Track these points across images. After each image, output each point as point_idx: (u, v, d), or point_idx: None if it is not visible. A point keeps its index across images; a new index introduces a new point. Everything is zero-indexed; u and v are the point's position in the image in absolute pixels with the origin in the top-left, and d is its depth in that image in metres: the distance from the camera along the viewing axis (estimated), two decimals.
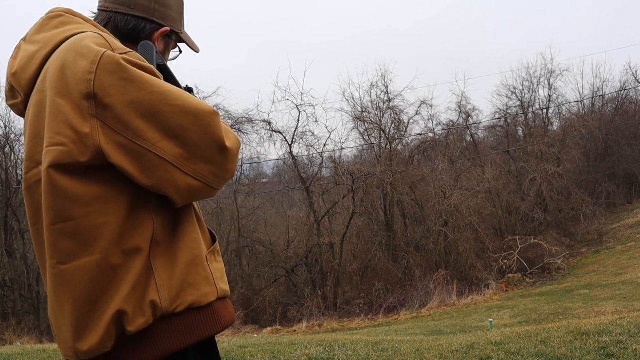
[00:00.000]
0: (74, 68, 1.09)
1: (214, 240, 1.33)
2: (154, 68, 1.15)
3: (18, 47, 1.28)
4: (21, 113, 1.28)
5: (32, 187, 1.16)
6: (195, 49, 1.52)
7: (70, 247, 1.09)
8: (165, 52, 1.42)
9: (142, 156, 1.08)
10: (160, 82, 1.11)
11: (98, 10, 1.36)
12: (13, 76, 1.24)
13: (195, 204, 1.30)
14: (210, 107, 1.13)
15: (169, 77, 1.35)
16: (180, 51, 1.50)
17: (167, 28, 1.38)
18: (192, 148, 1.09)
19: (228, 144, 1.12)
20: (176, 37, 1.44)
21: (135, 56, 1.14)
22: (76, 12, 1.29)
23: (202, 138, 1.09)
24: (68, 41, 1.17)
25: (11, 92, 1.27)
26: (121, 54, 1.12)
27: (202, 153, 1.10)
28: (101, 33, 1.19)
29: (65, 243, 1.09)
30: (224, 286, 1.27)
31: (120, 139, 1.07)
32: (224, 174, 1.15)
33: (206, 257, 1.23)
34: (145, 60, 1.15)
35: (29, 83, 1.21)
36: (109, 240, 1.09)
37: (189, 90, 1.44)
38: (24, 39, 1.28)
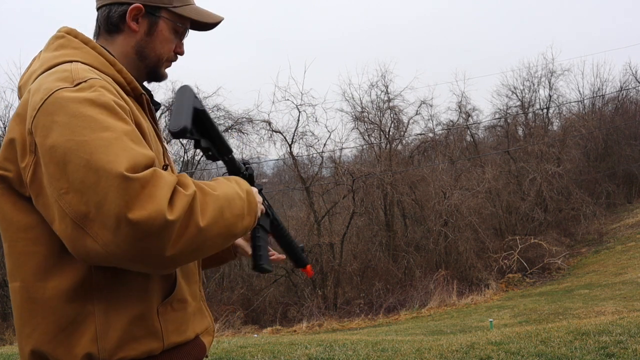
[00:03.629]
0: (32, 100, 1.06)
1: (182, 285, 1.19)
2: (113, 105, 1.03)
3: (36, 58, 1.24)
4: None
5: None
6: (204, 21, 1.31)
7: (10, 267, 1.09)
8: (152, 33, 1.24)
9: (49, 205, 1.00)
10: (87, 129, 0.97)
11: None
12: (19, 90, 1.21)
13: None
14: (122, 168, 0.94)
15: (208, 125, 1.17)
16: (186, 29, 1.31)
17: (137, 5, 1.20)
18: (95, 209, 0.93)
19: (133, 215, 0.92)
20: (167, 12, 1.25)
21: (91, 86, 1.04)
22: (78, 33, 1.21)
23: (101, 202, 0.93)
24: (51, 70, 1.13)
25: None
26: (77, 84, 1.04)
27: (103, 218, 0.93)
28: (76, 64, 1.11)
29: (8, 263, 1.10)
30: (177, 338, 1.15)
31: (44, 179, 1.00)
32: (130, 249, 0.94)
33: (158, 309, 1.11)
34: (104, 95, 1.04)
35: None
36: (31, 271, 1.05)
37: (246, 165, 1.28)
38: (42, 51, 1.24)
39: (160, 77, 1.33)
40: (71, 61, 1.13)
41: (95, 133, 0.97)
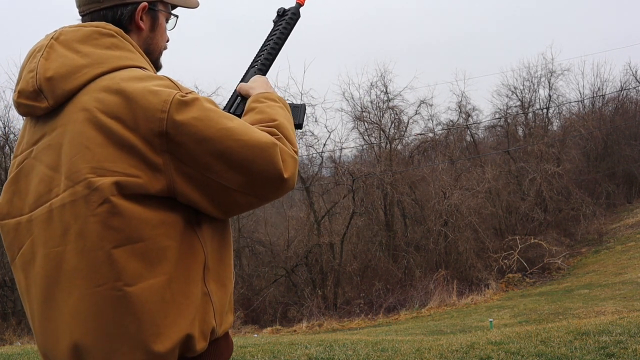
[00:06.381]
0: (144, 103, 1.08)
1: None
2: (213, 100, 1.19)
3: (49, 47, 1.16)
4: (31, 114, 1.20)
5: (65, 206, 1.10)
6: (191, 5, 1.40)
7: (138, 268, 1.08)
8: (155, 28, 1.31)
9: (208, 185, 1.13)
10: (224, 119, 1.14)
11: (81, 16, 1.28)
12: (48, 81, 1.13)
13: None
14: (270, 138, 1.16)
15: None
16: (176, 16, 1.38)
17: (144, 3, 1.26)
18: (255, 176, 1.14)
19: (286, 174, 1.16)
20: (162, 4, 1.32)
21: (197, 94, 1.16)
22: (126, 35, 1.23)
23: (265, 168, 1.14)
24: (128, 72, 1.14)
25: (35, 94, 1.15)
26: (187, 93, 1.13)
27: (263, 180, 1.15)
28: (169, 77, 1.18)
29: (134, 264, 1.08)
30: None
31: (189, 170, 1.11)
32: (281, 193, 1.21)
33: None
34: (210, 100, 1.18)
35: (67, 94, 1.14)
36: (172, 263, 1.11)
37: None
38: (57, 39, 1.17)
39: (159, 68, 1.39)
40: (141, 67, 1.19)
41: (233, 121, 1.14)
